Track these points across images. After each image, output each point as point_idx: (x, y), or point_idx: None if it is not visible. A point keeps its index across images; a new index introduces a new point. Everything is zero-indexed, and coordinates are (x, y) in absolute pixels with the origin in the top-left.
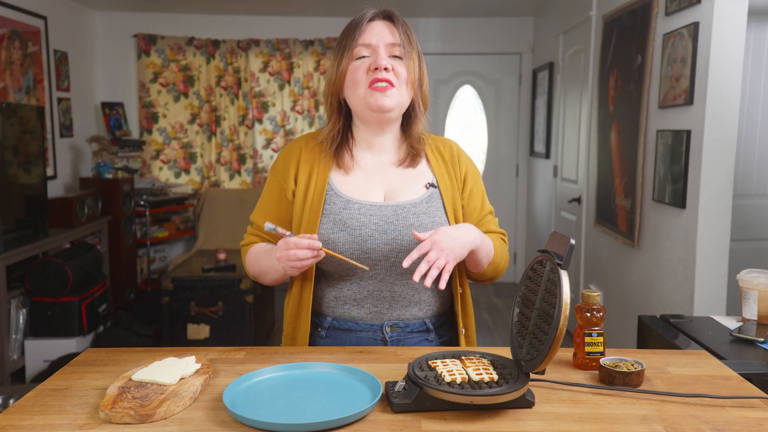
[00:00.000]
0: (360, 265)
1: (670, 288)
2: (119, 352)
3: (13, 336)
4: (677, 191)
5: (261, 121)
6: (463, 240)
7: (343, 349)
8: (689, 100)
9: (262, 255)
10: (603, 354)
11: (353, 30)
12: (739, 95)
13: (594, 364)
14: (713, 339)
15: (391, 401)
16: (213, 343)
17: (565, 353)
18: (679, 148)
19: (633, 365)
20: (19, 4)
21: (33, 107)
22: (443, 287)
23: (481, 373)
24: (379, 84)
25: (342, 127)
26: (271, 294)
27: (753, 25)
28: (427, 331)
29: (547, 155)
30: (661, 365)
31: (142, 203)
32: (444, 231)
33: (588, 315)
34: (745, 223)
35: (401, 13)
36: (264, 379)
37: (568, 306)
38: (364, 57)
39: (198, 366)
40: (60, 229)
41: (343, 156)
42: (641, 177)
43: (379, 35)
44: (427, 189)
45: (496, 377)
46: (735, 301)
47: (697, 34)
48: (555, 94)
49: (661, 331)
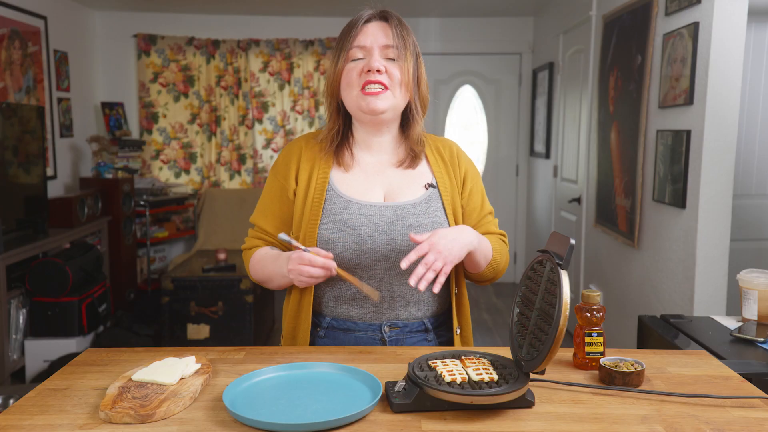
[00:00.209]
0: (370, 293)
1: (670, 288)
2: (119, 352)
3: (13, 336)
4: (677, 191)
5: (261, 121)
6: (461, 242)
7: (343, 349)
8: (689, 100)
9: (268, 261)
10: (603, 354)
11: (349, 31)
12: (739, 95)
13: (594, 364)
14: (713, 339)
15: (391, 401)
16: (213, 343)
17: (565, 353)
18: (679, 148)
19: (633, 365)
20: (19, 4)
21: (33, 107)
22: (437, 290)
23: (481, 373)
24: (372, 87)
25: (342, 127)
26: (271, 294)
27: (753, 25)
28: (426, 331)
29: (547, 155)
30: (661, 365)
31: (142, 203)
32: (441, 233)
33: (588, 315)
34: (745, 223)
35: (401, 13)
36: (264, 379)
37: (568, 306)
38: (358, 59)
39: (198, 366)
40: (60, 229)
41: (343, 154)
42: (641, 177)
43: (374, 37)
44: (427, 189)
45: (496, 377)
46: (735, 301)
47: (697, 34)
48: (555, 94)
49: (661, 331)
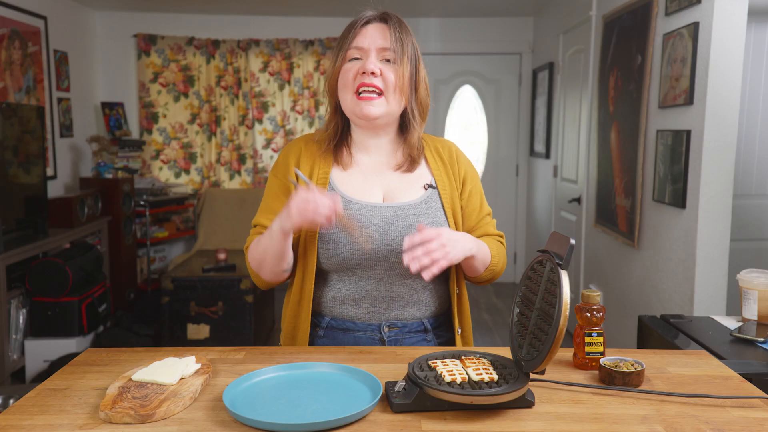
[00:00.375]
0: (364, 241)
1: (670, 288)
2: (119, 352)
3: (13, 336)
4: (677, 191)
5: (261, 121)
6: (463, 245)
7: (343, 349)
8: (689, 100)
9: (264, 237)
10: (603, 354)
11: (349, 32)
12: (739, 95)
13: (594, 364)
14: (713, 339)
15: (391, 401)
16: (213, 343)
17: (565, 353)
18: (679, 148)
19: (633, 365)
20: (19, 4)
21: (33, 107)
22: (427, 278)
23: (481, 373)
24: (366, 91)
25: (341, 125)
26: (271, 294)
27: (753, 25)
28: (425, 332)
29: (547, 155)
30: (661, 365)
31: (142, 203)
32: (448, 231)
33: (588, 315)
34: (745, 223)
35: (401, 14)
36: (264, 379)
37: (568, 306)
38: (356, 59)
39: (198, 366)
40: (60, 229)
41: (342, 153)
42: (641, 177)
43: (371, 38)
44: (426, 190)
45: (496, 377)
46: (735, 301)
47: (697, 34)
48: (555, 94)
49: (661, 331)
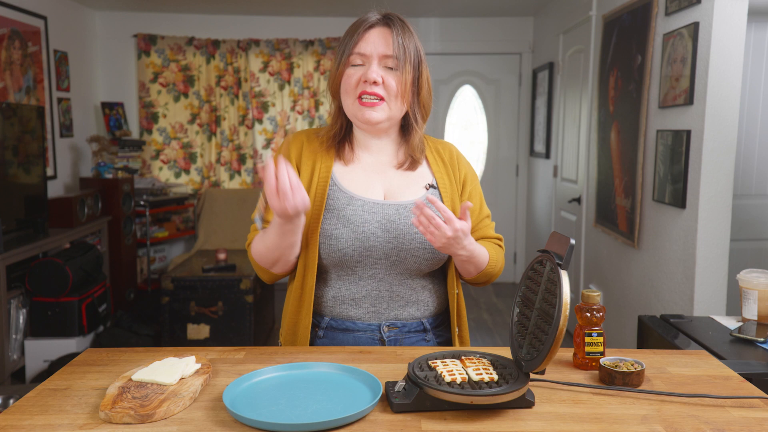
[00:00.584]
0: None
1: (670, 288)
2: (119, 352)
3: (13, 336)
4: (677, 191)
5: (261, 121)
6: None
7: (343, 349)
8: (689, 100)
9: (269, 230)
10: (603, 354)
11: (352, 35)
12: (739, 95)
13: (594, 364)
14: (713, 339)
15: (391, 401)
16: (213, 343)
17: (565, 353)
18: (679, 148)
19: (633, 365)
20: (19, 4)
21: (33, 107)
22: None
23: (481, 373)
24: (367, 98)
25: (344, 124)
26: (271, 294)
27: (753, 25)
28: (425, 331)
29: (547, 155)
30: (661, 365)
31: (142, 203)
32: (465, 231)
33: (588, 315)
34: (745, 223)
35: (401, 14)
36: (264, 379)
37: (568, 306)
38: (358, 65)
39: (198, 366)
40: (60, 229)
41: (344, 149)
42: (641, 177)
43: (374, 45)
44: (427, 190)
45: (496, 377)
46: (735, 301)
47: (697, 34)
48: (555, 94)
49: (661, 331)
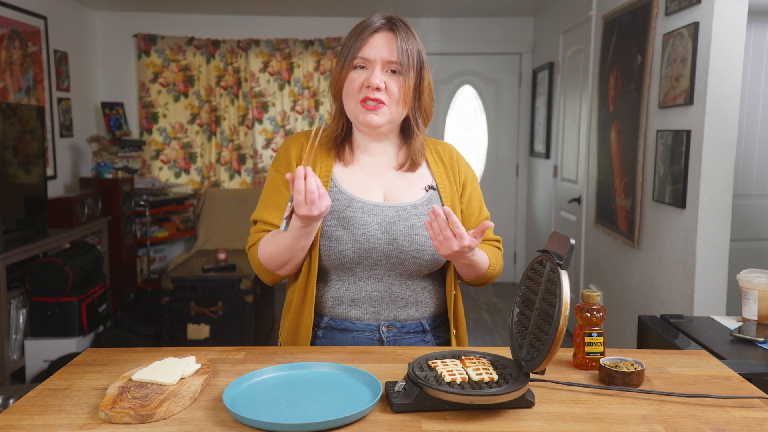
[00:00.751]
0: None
1: (670, 288)
2: (119, 352)
3: (13, 336)
4: (677, 191)
5: (261, 121)
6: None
7: (343, 349)
8: (689, 100)
9: (278, 233)
10: (603, 354)
11: (356, 38)
12: (739, 95)
13: (594, 364)
14: (713, 339)
15: (391, 401)
16: (213, 343)
17: (565, 353)
18: (679, 148)
19: (633, 365)
20: (19, 4)
21: (33, 107)
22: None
23: (481, 373)
24: (370, 102)
25: (345, 126)
26: (271, 294)
27: (753, 25)
28: (424, 332)
29: (547, 155)
30: (661, 365)
31: (142, 203)
32: (476, 244)
33: (588, 315)
34: (745, 223)
35: (401, 14)
36: (264, 379)
37: (568, 306)
38: (361, 68)
39: (198, 366)
40: (60, 229)
41: (344, 150)
42: (641, 177)
43: (378, 50)
44: (427, 191)
45: (496, 377)
46: (735, 301)
47: (697, 34)
48: (555, 94)
49: (661, 331)
